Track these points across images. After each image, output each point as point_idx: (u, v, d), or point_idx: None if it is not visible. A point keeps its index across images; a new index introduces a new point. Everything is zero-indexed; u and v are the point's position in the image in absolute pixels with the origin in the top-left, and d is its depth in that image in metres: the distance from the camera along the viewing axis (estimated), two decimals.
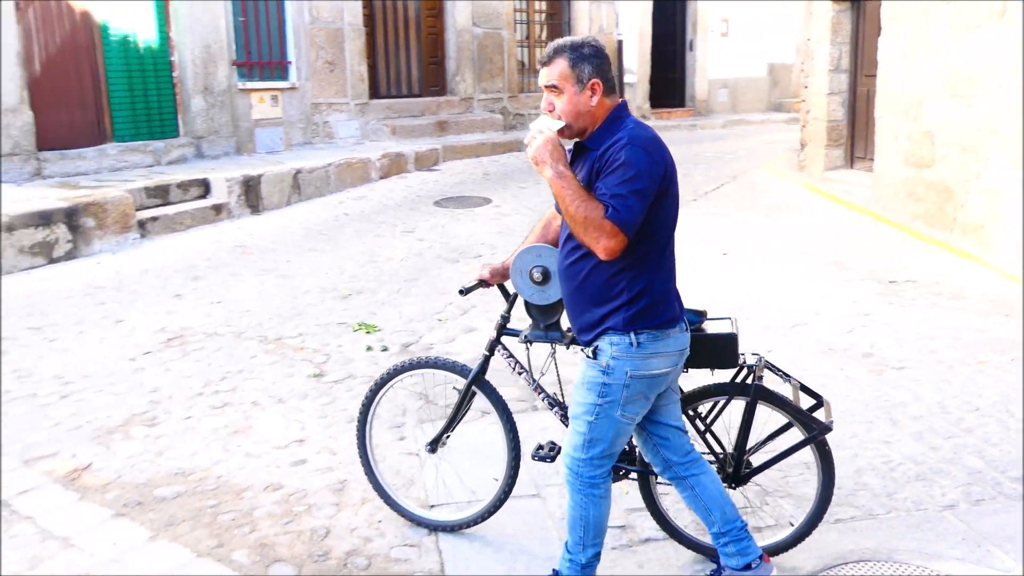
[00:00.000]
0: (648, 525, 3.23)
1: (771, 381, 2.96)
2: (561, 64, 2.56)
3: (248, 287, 6.49)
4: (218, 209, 8.50)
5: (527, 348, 3.10)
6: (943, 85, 7.61)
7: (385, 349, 5.22)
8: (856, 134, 10.02)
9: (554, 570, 2.88)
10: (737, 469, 2.98)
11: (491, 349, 3.12)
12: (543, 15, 14.77)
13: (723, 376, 2.97)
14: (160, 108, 9.66)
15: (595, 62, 2.56)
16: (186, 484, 3.68)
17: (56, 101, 8.71)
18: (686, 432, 2.87)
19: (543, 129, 2.56)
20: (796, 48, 17.15)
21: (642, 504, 3.12)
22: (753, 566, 2.82)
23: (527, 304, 3.00)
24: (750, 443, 2.97)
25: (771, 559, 2.92)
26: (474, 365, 3.16)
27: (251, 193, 8.81)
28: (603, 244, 2.42)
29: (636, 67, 16.18)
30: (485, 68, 13.48)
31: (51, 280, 6.64)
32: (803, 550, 3.08)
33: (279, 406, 4.46)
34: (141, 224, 7.78)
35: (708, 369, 2.90)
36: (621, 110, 2.62)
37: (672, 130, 15.87)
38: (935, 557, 3.08)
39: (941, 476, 3.65)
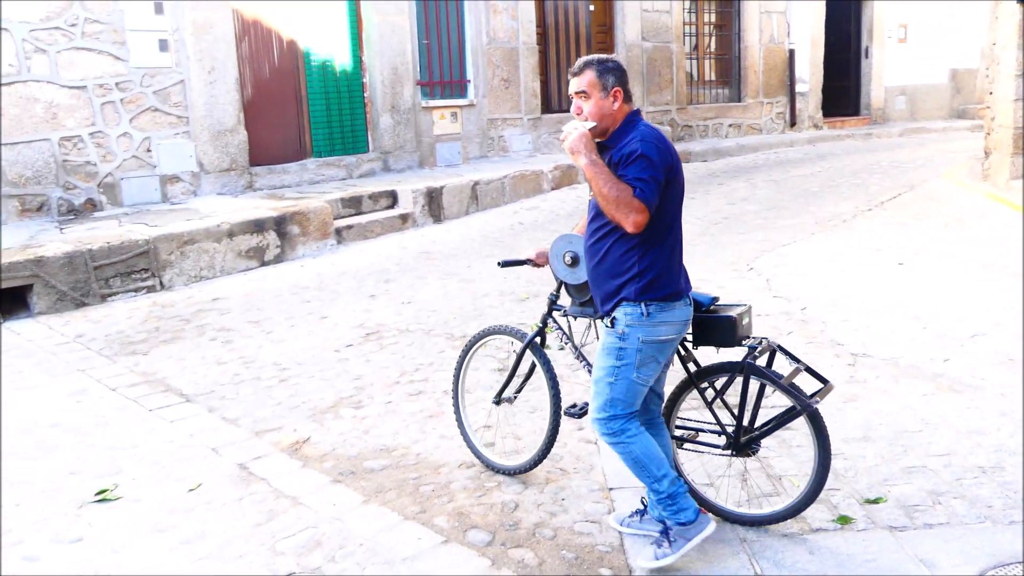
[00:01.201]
0: None
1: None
2: (590, 75, 3.07)
3: (433, 289, 7.02)
4: (404, 218, 9.18)
5: (569, 321, 3.73)
6: None
7: (562, 348, 5.55)
8: None
9: (658, 521, 3.25)
10: (737, 439, 3.33)
11: (543, 321, 3.76)
12: (712, 27, 14.81)
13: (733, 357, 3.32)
14: (353, 126, 10.51)
15: (617, 74, 3.08)
16: (390, 459, 4.15)
17: (265, 121, 9.68)
18: (663, 398, 3.42)
19: (577, 127, 3.05)
20: (981, 52, 16.32)
21: None
22: (689, 520, 3.15)
23: (564, 284, 3.60)
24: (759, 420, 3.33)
25: (710, 516, 3.28)
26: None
27: (433, 203, 9.44)
28: (632, 219, 2.90)
29: (808, 76, 15.90)
30: (654, 81, 13.69)
31: (264, 280, 7.45)
32: (976, 547, 3.16)
33: (467, 396, 4.86)
34: (338, 231, 8.55)
35: (713, 347, 3.32)
36: (635, 115, 3.12)
37: (846, 140, 15.49)
38: None
39: None
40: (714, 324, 3.26)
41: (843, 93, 17.17)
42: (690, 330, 3.26)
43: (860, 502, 3.51)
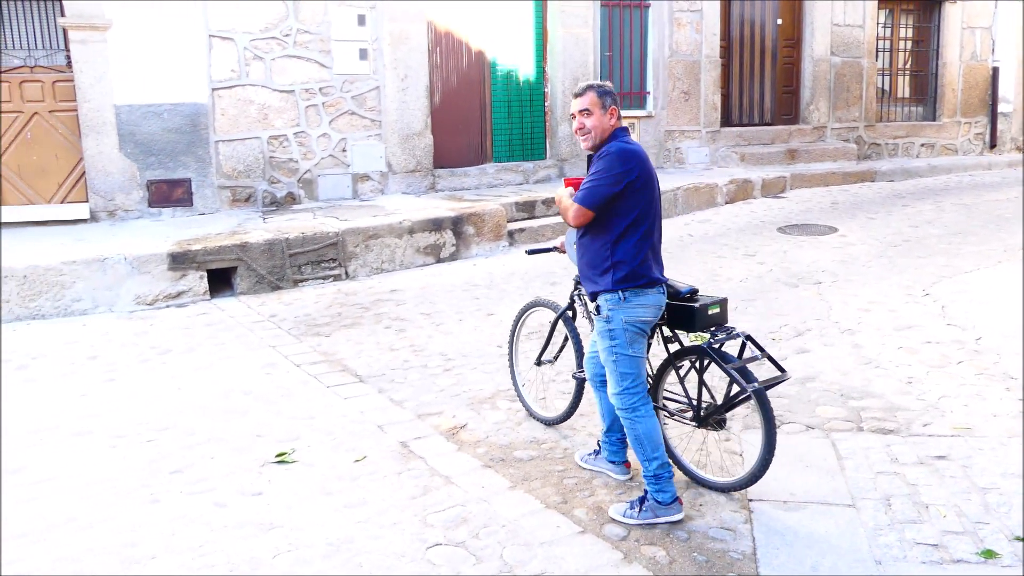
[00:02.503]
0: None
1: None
2: (592, 95, 3.67)
3: None
4: None
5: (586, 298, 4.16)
6: None
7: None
8: None
9: (645, 489, 3.72)
10: (698, 413, 3.87)
11: (572, 297, 4.41)
12: (908, 42, 14.14)
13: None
14: (532, 133, 10.88)
15: (613, 96, 3.70)
16: (539, 451, 4.37)
17: (450, 127, 10.22)
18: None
19: (561, 192, 3.81)
20: None
21: None
22: (616, 464, 4.03)
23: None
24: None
25: (631, 466, 4.02)
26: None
27: None
28: (570, 216, 3.65)
29: (1012, 96, 14.83)
30: (841, 97, 13.25)
31: (438, 276, 7.91)
32: None
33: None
34: (510, 234, 8.91)
35: (682, 330, 3.90)
36: (621, 131, 3.71)
37: None
38: None
39: None
40: (680, 310, 3.82)
41: None
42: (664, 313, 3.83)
43: (1009, 538, 3.40)
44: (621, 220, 3.58)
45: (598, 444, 4.13)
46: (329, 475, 4.09)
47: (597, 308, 3.69)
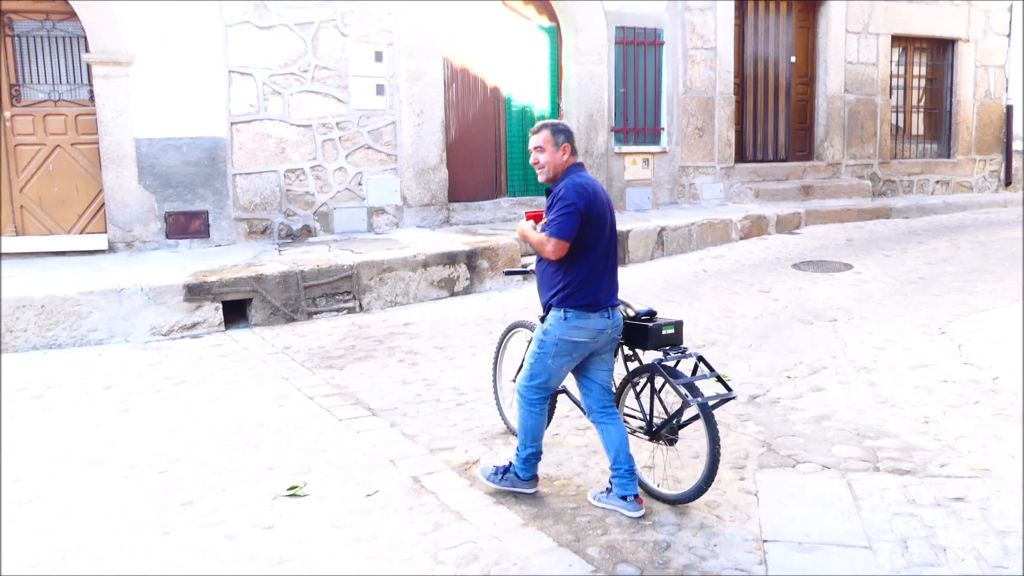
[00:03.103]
0: None
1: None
2: (546, 133, 4.05)
3: None
4: None
5: None
6: None
7: (734, 398, 5.55)
8: None
9: (509, 461, 4.27)
10: (650, 427, 4.17)
11: (541, 318, 4.49)
12: (922, 80, 14.19)
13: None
14: None
15: (566, 134, 4.06)
16: (551, 487, 4.35)
17: (465, 161, 10.30)
18: (610, 392, 4.19)
19: (522, 224, 4.21)
20: None
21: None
22: (627, 499, 4.01)
23: None
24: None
25: (642, 502, 4.05)
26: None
27: (620, 247, 9.65)
28: (549, 250, 3.93)
29: None
30: (855, 134, 13.29)
31: (451, 309, 7.93)
32: None
33: (631, 436, 5.00)
34: (524, 267, 8.91)
35: (638, 349, 4.21)
36: (575, 167, 4.06)
37: None
38: None
39: None
40: (635, 329, 4.14)
41: None
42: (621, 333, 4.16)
43: None
44: (573, 248, 3.95)
45: (610, 483, 4.14)
46: (340, 509, 4.08)
47: (542, 319, 4.12)
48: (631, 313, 4.21)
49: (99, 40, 8.47)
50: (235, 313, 7.51)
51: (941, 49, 14.17)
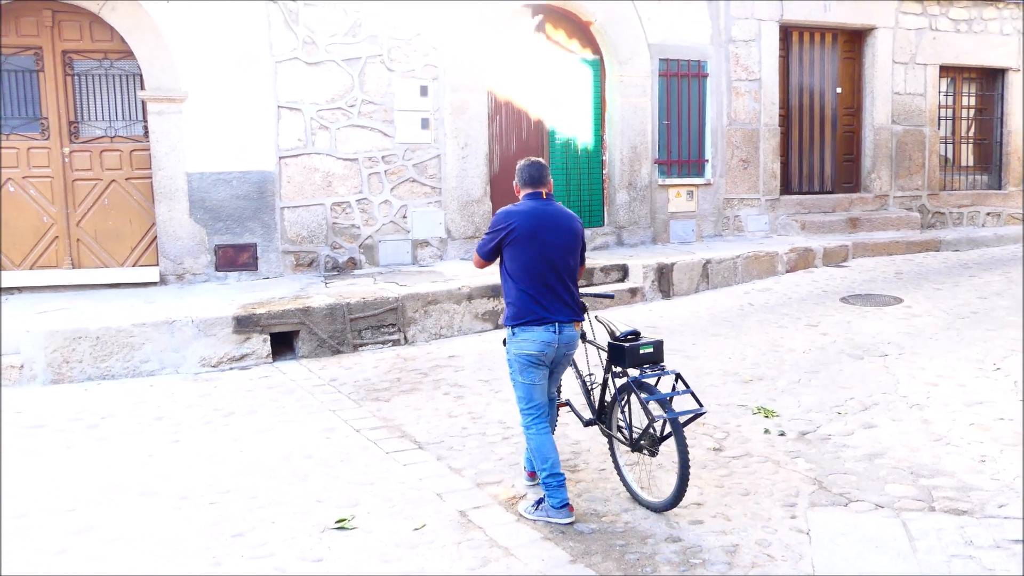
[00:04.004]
0: None
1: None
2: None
3: None
4: (633, 292, 9.41)
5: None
6: None
7: (782, 434, 5.49)
8: None
9: (544, 494, 4.34)
10: (630, 438, 4.42)
11: None
12: (971, 110, 14.00)
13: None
14: (591, 201, 10.97)
15: (517, 172, 4.50)
16: (600, 523, 4.31)
17: (509, 194, 10.33)
18: (554, 400, 4.73)
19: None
20: None
21: None
22: (555, 506, 4.27)
23: None
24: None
25: (574, 510, 4.35)
26: None
27: (663, 279, 9.62)
28: (474, 262, 4.59)
29: None
30: (903, 165, 13.13)
31: (496, 342, 7.92)
32: None
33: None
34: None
35: (616, 366, 4.48)
36: (527, 197, 4.45)
37: None
38: None
39: None
40: (615, 349, 4.42)
41: None
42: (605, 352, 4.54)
43: None
44: (510, 266, 4.34)
45: (539, 501, 4.42)
46: (388, 543, 4.09)
47: (505, 341, 4.46)
48: (617, 334, 4.47)
49: (154, 78, 8.71)
50: (282, 345, 7.60)
51: (990, 79, 13.99)
